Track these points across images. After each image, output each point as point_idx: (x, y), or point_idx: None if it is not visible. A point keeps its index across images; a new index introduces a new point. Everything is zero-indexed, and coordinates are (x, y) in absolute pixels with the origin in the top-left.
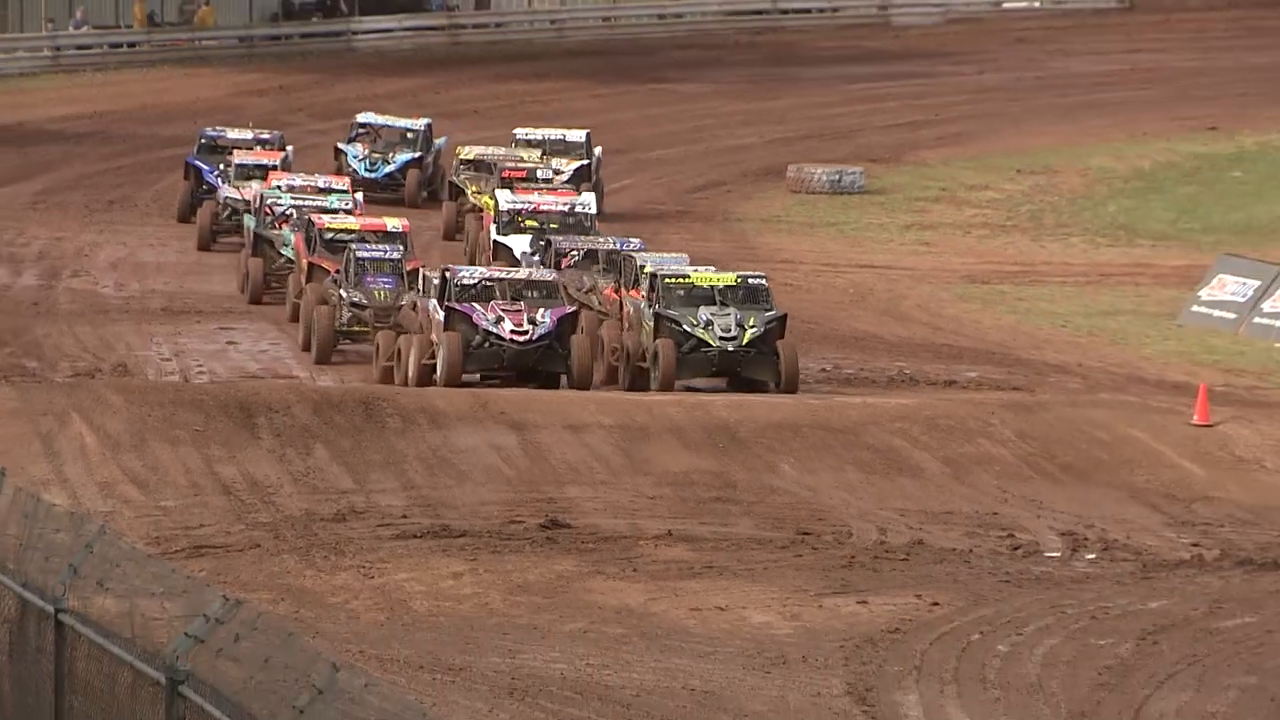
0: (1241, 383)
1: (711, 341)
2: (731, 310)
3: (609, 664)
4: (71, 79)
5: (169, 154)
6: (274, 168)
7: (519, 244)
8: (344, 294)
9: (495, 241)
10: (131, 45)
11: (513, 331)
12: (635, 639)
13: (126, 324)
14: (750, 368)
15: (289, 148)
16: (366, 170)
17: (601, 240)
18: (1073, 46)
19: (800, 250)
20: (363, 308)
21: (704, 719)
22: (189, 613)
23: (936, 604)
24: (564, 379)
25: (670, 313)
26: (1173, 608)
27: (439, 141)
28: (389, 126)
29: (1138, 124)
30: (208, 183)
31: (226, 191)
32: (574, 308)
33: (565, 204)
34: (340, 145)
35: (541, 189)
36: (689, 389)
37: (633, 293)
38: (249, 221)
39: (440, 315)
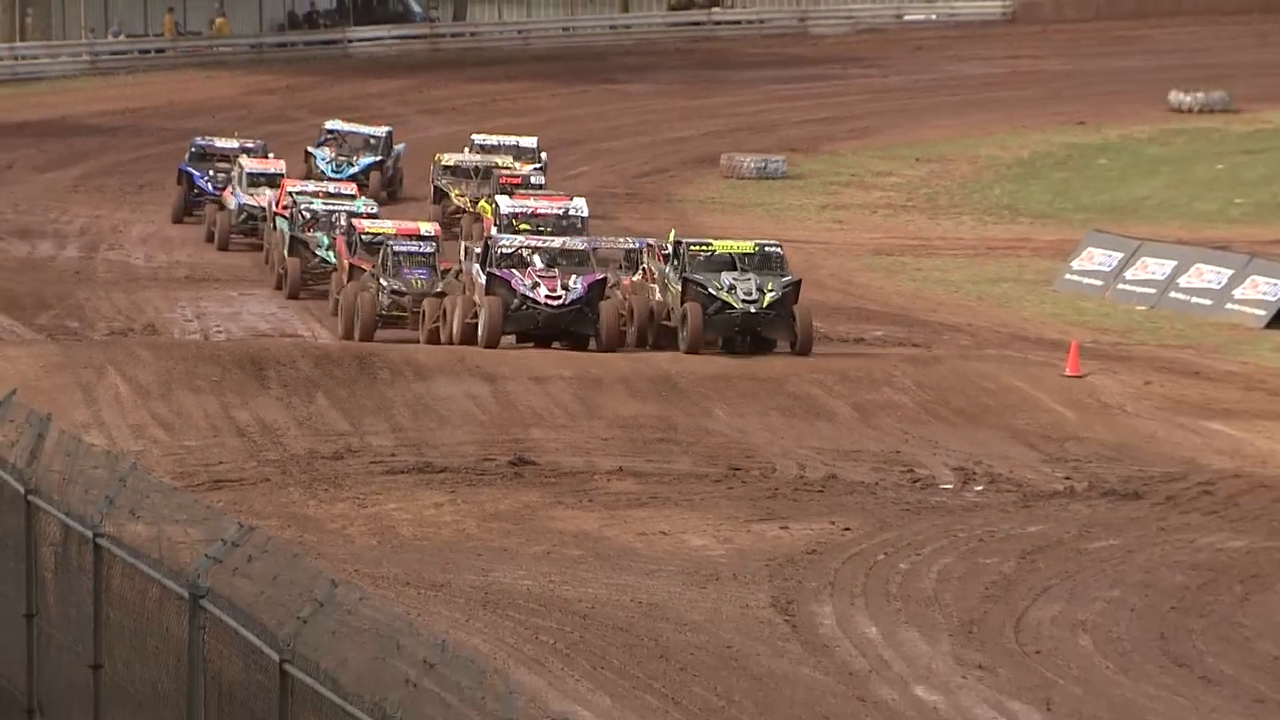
0: (1107, 340)
1: (735, 304)
2: (751, 275)
3: (568, 580)
4: (107, 80)
5: (186, 145)
6: (283, 176)
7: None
8: (384, 282)
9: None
10: (159, 51)
11: (547, 296)
12: (590, 559)
13: (154, 290)
14: (769, 328)
15: (270, 155)
16: (333, 171)
17: (623, 241)
18: (963, 53)
19: (732, 227)
20: (402, 294)
21: (649, 627)
22: (208, 537)
23: (848, 529)
24: (593, 341)
25: (696, 277)
26: (1048, 531)
27: (399, 147)
28: (354, 133)
29: (1018, 119)
30: (199, 187)
31: (242, 198)
32: (603, 275)
33: (560, 208)
34: (310, 149)
35: (537, 194)
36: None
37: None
38: (283, 225)
39: (482, 279)
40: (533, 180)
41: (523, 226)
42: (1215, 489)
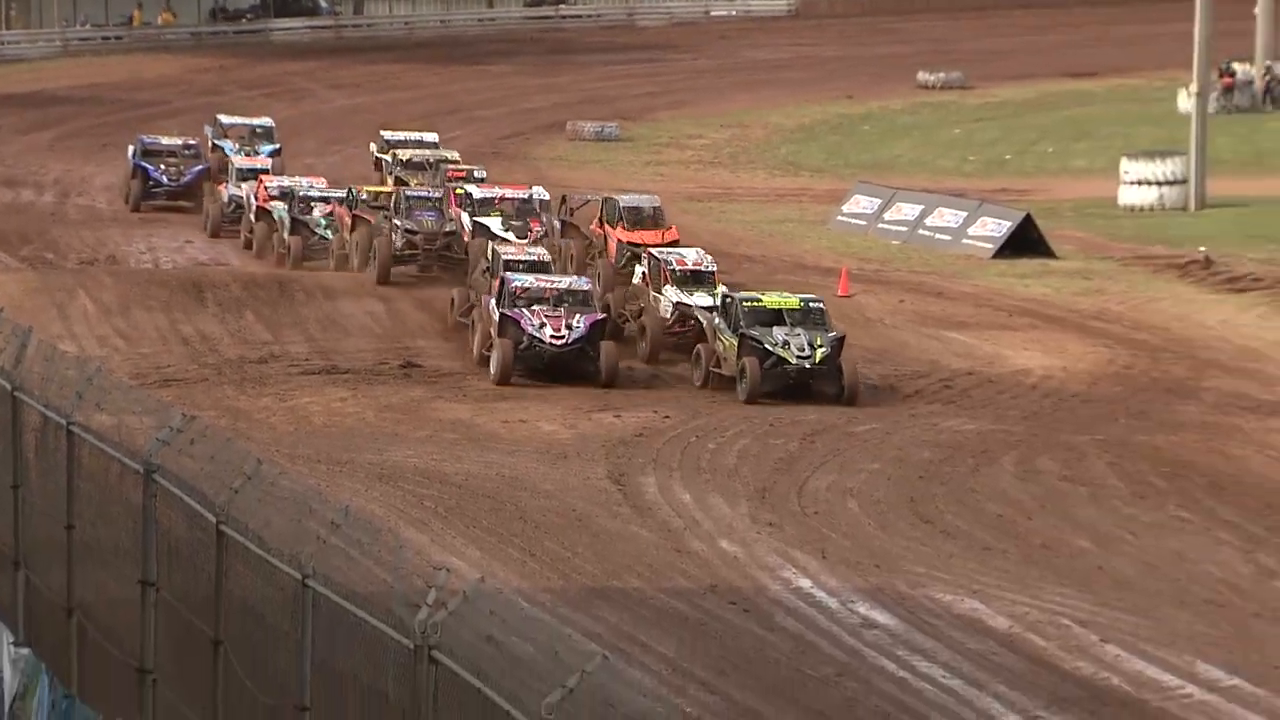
0: (870, 268)
1: (790, 359)
2: (801, 331)
3: (446, 458)
4: (76, 60)
5: (142, 113)
6: (265, 172)
7: (494, 224)
8: (397, 223)
9: (475, 222)
10: (118, 38)
11: (552, 336)
12: (464, 442)
13: (115, 229)
14: (819, 381)
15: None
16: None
17: (622, 197)
18: (757, 42)
19: (575, 179)
20: (414, 233)
21: (511, 495)
22: (159, 425)
23: (668, 417)
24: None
25: (753, 333)
26: (823, 418)
27: (277, 135)
28: (243, 124)
29: (800, 95)
30: (153, 179)
31: (232, 190)
32: (604, 314)
33: (524, 194)
34: (216, 141)
35: (503, 184)
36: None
37: (609, 229)
38: (280, 210)
39: (496, 314)
40: (475, 174)
41: (494, 213)
42: (953, 384)
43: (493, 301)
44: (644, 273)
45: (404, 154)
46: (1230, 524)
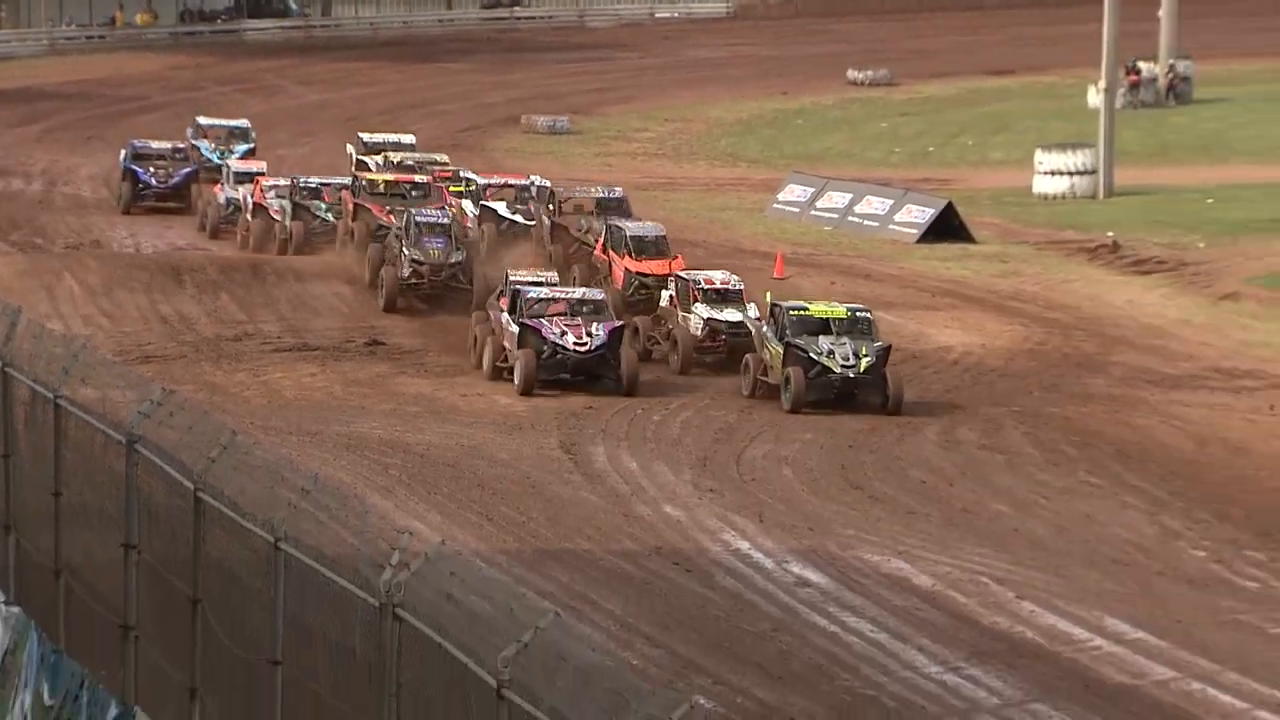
0: (803, 252)
1: (834, 368)
2: (846, 340)
3: (409, 429)
4: (62, 59)
5: (125, 107)
6: (261, 174)
7: (500, 207)
8: (405, 251)
9: (483, 206)
10: (101, 37)
11: (575, 343)
12: (426, 414)
13: (99, 215)
14: (864, 391)
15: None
16: (218, 158)
17: (594, 189)
18: (699, 42)
19: (530, 167)
20: (421, 264)
21: (469, 464)
22: (140, 398)
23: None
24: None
25: (798, 342)
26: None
27: (254, 135)
28: (220, 125)
29: (738, 91)
30: (142, 181)
31: (228, 192)
32: (621, 322)
33: (525, 182)
34: (194, 141)
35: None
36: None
37: (614, 255)
38: (284, 203)
39: (514, 329)
40: (462, 173)
41: (499, 199)
42: None
43: (505, 315)
44: (671, 295)
45: (393, 156)
46: (1136, 489)
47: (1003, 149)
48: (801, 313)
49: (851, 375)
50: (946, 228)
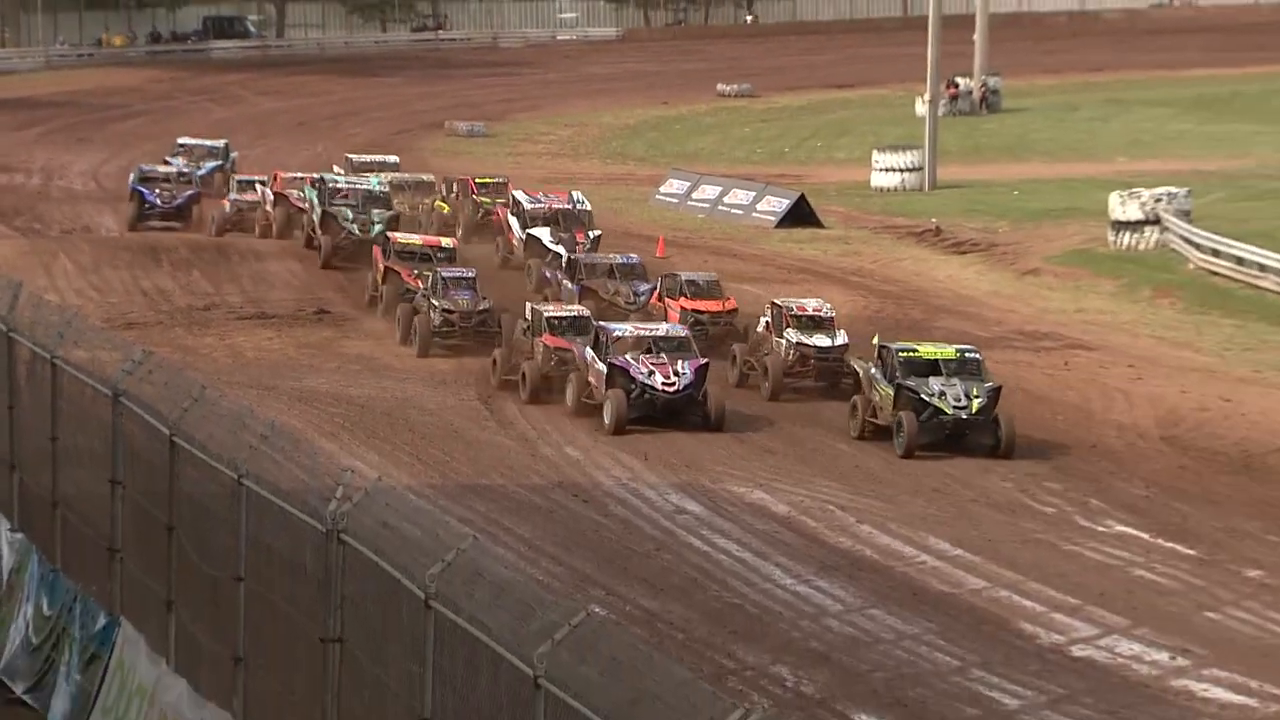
0: (681, 235)
1: (946, 410)
2: (957, 381)
3: (352, 385)
4: (56, 73)
5: (110, 114)
6: (264, 183)
7: (544, 234)
8: (435, 303)
9: (528, 234)
10: (90, 55)
11: (664, 383)
12: (365, 372)
13: (89, 205)
14: (976, 433)
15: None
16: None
17: (614, 257)
18: (593, 60)
19: (452, 166)
20: (451, 313)
21: (403, 413)
22: (123, 358)
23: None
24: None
25: (909, 384)
26: None
27: (234, 154)
28: (199, 145)
29: (626, 101)
30: (148, 201)
31: (233, 197)
32: (705, 360)
33: (569, 202)
34: (167, 159)
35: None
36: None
37: (669, 301)
38: (312, 194)
39: (601, 366)
40: (499, 183)
41: (542, 226)
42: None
43: (590, 352)
44: (767, 322)
45: (395, 177)
46: None
47: (845, 150)
48: (910, 354)
49: (964, 417)
50: (800, 215)
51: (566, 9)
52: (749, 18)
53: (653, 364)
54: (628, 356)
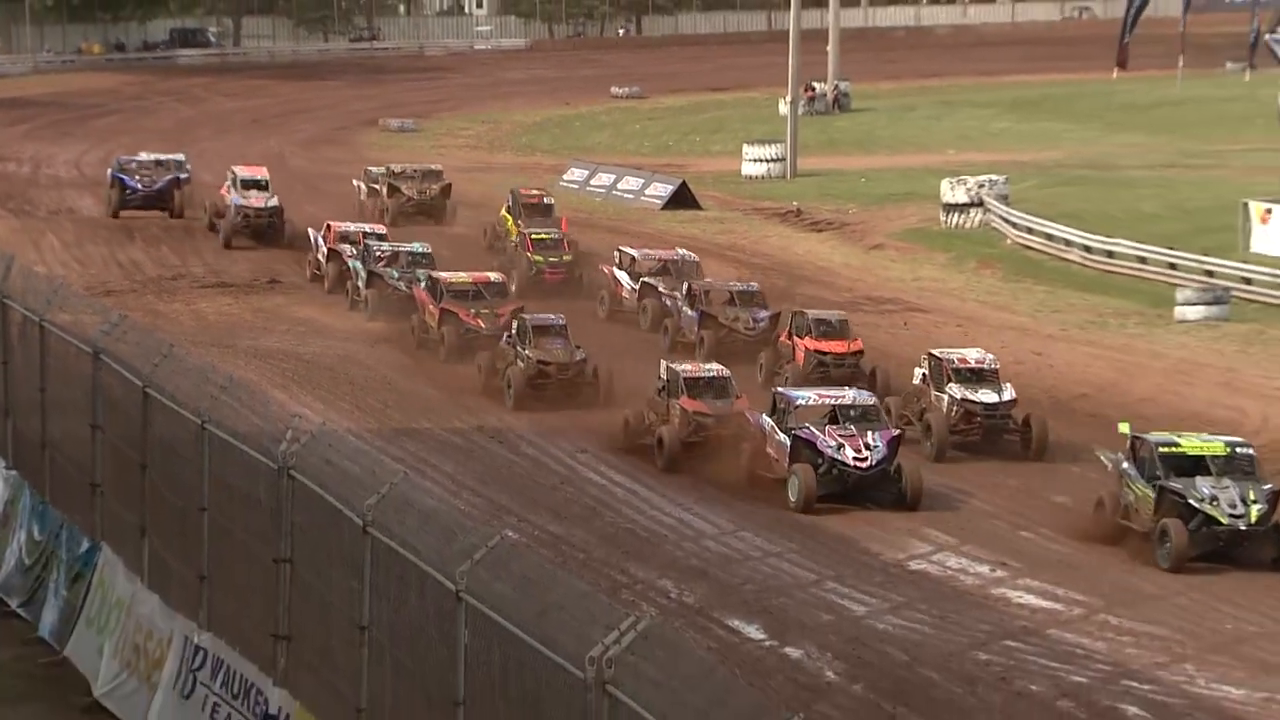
0: (581, 216)
1: (1220, 519)
2: (1229, 483)
3: (300, 344)
4: (43, 77)
5: (89, 112)
6: (265, 183)
7: (662, 284)
8: (529, 354)
9: (643, 283)
10: (72, 61)
11: (855, 458)
12: (312, 333)
13: (72, 190)
14: (1256, 546)
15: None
16: (144, 188)
17: (734, 284)
18: (505, 66)
19: (385, 156)
20: (547, 364)
21: (344, 368)
22: (102, 321)
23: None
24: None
25: (1174, 486)
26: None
27: (189, 167)
28: (155, 160)
29: (534, 102)
30: (129, 187)
31: (238, 200)
32: (899, 430)
33: (677, 256)
34: (116, 174)
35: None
36: None
37: (798, 340)
38: (357, 265)
39: (782, 437)
40: (546, 201)
41: (647, 279)
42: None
43: (767, 420)
44: (924, 374)
45: (397, 168)
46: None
47: (720, 144)
48: (1172, 448)
49: (1242, 527)
50: (682, 199)
51: (482, 23)
52: (621, 30)
53: (840, 436)
54: (811, 427)
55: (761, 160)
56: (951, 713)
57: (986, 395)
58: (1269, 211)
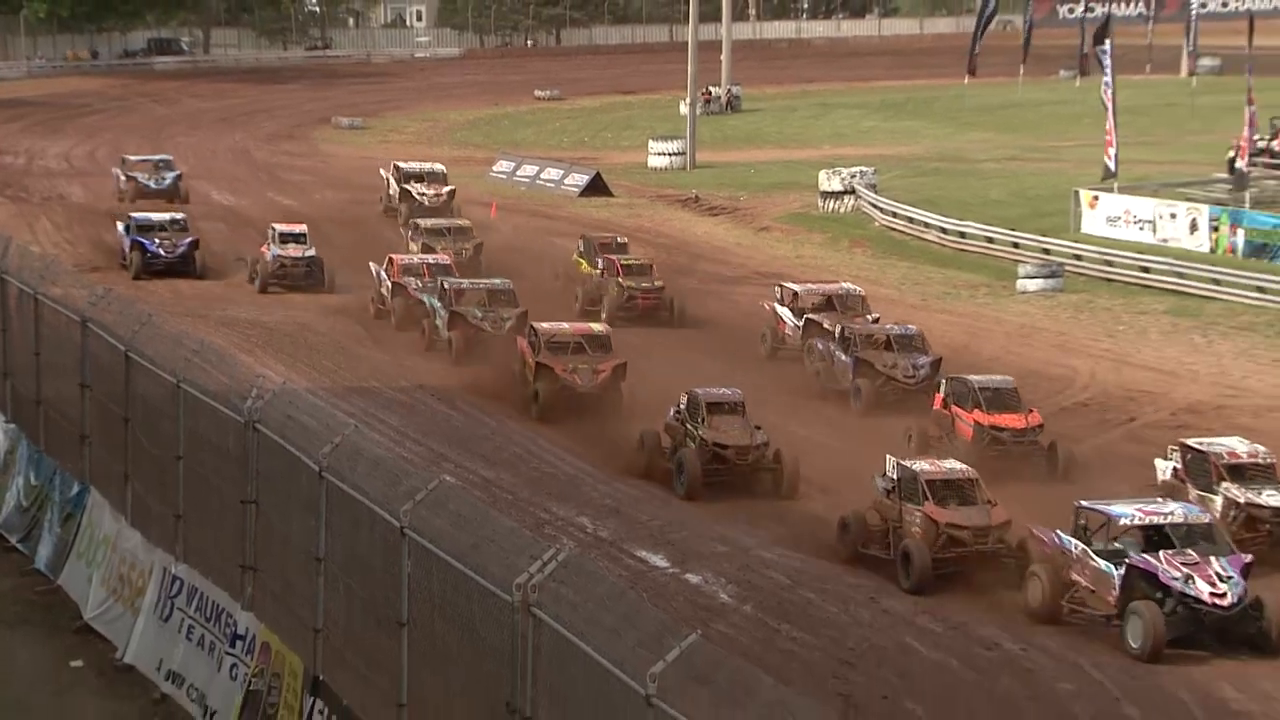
0: (509, 202)
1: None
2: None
3: (264, 314)
4: (35, 80)
5: (77, 111)
6: (303, 236)
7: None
8: (702, 435)
9: (807, 319)
10: (59, 66)
11: (1212, 594)
12: (274, 303)
13: (63, 179)
14: None
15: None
16: (155, 185)
17: (891, 328)
18: (442, 72)
19: (334, 150)
20: (724, 447)
21: (302, 333)
22: (89, 294)
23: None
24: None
25: None
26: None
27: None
28: (147, 160)
29: (467, 103)
30: (150, 252)
31: (276, 251)
32: (1249, 557)
33: (842, 290)
34: (129, 174)
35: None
36: None
37: (958, 410)
38: (435, 303)
39: (1103, 565)
40: (619, 241)
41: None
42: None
43: (1072, 542)
44: (1176, 468)
45: (426, 222)
46: (706, 342)
47: (629, 139)
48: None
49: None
50: (596, 187)
51: (422, 34)
52: (530, 42)
53: (1184, 565)
54: (1145, 555)
55: (665, 154)
56: (829, 627)
57: (1273, 497)
58: (1096, 198)
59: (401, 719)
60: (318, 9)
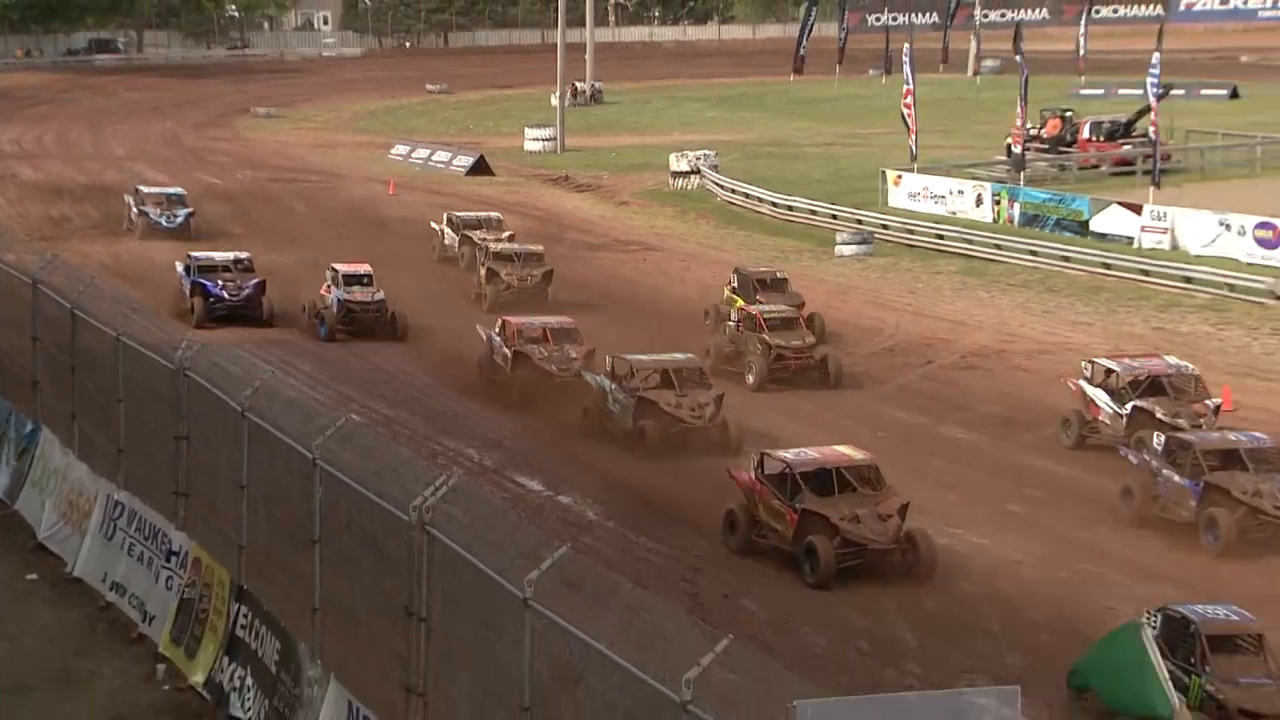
0: (404, 180)
1: None
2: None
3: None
4: (23, 75)
5: (26, 101)
6: (368, 278)
7: (1103, 397)
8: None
9: (1133, 407)
10: (9, 63)
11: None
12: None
13: (14, 161)
14: None
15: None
16: (166, 223)
17: (1239, 437)
18: (345, 69)
19: (253, 135)
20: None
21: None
22: (40, 260)
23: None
24: None
25: None
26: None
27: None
28: (158, 192)
29: (369, 95)
30: (214, 295)
31: (341, 295)
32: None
33: (1171, 368)
34: (138, 208)
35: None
36: None
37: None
38: (607, 383)
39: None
40: (778, 275)
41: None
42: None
43: None
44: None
45: (495, 246)
46: (568, 301)
47: (508, 127)
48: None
49: None
50: (481, 168)
51: (328, 36)
52: (408, 43)
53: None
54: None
55: (539, 139)
56: (683, 534)
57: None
58: (900, 177)
59: (315, 622)
60: (237, 14)
